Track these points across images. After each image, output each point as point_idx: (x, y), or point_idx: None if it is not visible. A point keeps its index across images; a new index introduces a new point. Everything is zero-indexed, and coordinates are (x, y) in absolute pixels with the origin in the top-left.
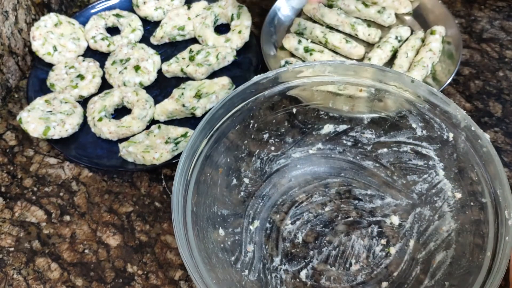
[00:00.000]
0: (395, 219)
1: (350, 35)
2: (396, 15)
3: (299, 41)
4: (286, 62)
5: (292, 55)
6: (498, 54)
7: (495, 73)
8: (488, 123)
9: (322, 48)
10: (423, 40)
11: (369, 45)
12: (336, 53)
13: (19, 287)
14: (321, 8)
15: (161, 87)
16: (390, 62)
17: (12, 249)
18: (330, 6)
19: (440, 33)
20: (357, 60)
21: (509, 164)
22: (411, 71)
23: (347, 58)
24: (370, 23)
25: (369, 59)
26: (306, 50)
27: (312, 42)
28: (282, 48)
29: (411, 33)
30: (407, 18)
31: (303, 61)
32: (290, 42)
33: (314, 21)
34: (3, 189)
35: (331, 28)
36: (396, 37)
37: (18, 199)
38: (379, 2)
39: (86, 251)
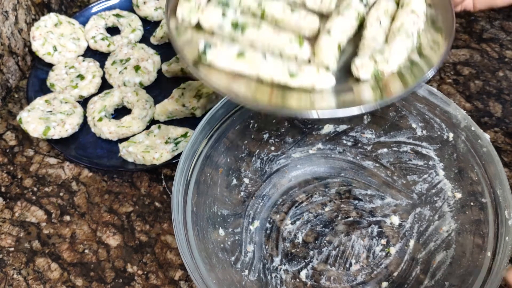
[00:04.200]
0: (395, 219)
1: (295, 4)
2: None
3: (223, 15)
4: (206, 46)
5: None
6: (498, 54)
7: (495, 73)
8: (488, 123)
9: (258, 21)
10: (398, 4)
11: (322, 18)
12: (279, 27)
13: (19, 287)
14: None
15: (161, 87)
16: (358, 34)
17: (12, 249)
18: None
19: None
20: (311, 34)
21: (509, 164)
22: (391, 44)
23: (295, 33)
24: None
25: (329, 32)
26: (235, 26)
27: (242, 13)
28: (199, 27)
29: None
30: None
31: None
32: (210, 16)
33: None
34: (3, 189)
35: None
36: (361, 0)
37: (18, 199)
38: None
39: (86, 251)
